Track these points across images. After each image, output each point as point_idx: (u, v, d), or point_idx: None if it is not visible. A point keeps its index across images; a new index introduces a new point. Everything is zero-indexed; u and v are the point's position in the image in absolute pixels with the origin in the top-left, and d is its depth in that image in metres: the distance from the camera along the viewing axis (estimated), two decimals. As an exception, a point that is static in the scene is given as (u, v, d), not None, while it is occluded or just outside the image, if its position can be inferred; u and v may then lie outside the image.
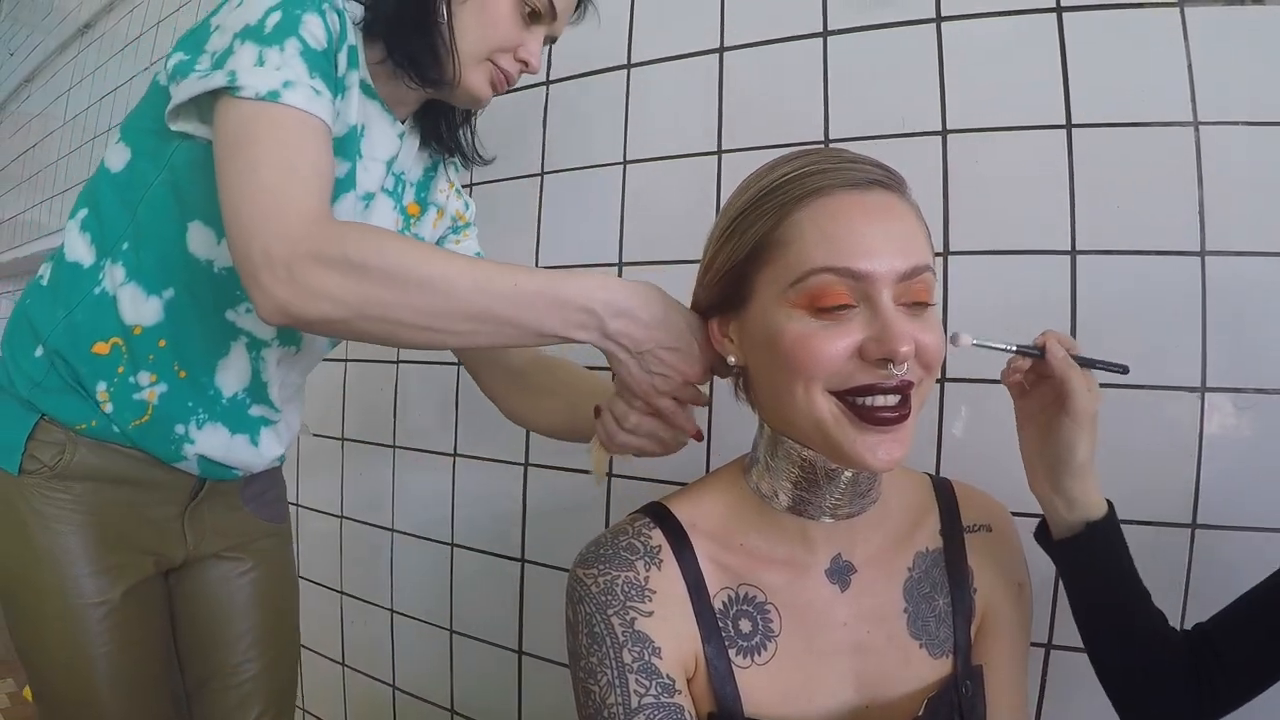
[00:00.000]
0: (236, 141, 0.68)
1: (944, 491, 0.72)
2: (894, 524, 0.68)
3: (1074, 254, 0.87)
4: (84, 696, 0.82)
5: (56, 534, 0.81)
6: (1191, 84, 0.83)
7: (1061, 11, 0.88)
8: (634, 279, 0.69)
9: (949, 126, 0.93)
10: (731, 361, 0.65)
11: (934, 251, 0.62)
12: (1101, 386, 0.64)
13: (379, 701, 1.46)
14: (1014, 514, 0.73)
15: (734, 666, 0.62)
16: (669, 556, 0.64)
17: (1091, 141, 0.87)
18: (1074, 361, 0.62)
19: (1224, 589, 0.67)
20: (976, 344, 0.61)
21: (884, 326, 0.55)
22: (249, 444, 0.90)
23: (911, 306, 0.57)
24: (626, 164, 1.16)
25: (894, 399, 0.56)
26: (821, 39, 1.01)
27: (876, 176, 0.59)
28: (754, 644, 0.63)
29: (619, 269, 1.16)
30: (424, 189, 0.98)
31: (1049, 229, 0.88)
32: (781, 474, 0.63)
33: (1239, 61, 0.82)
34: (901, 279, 0.56)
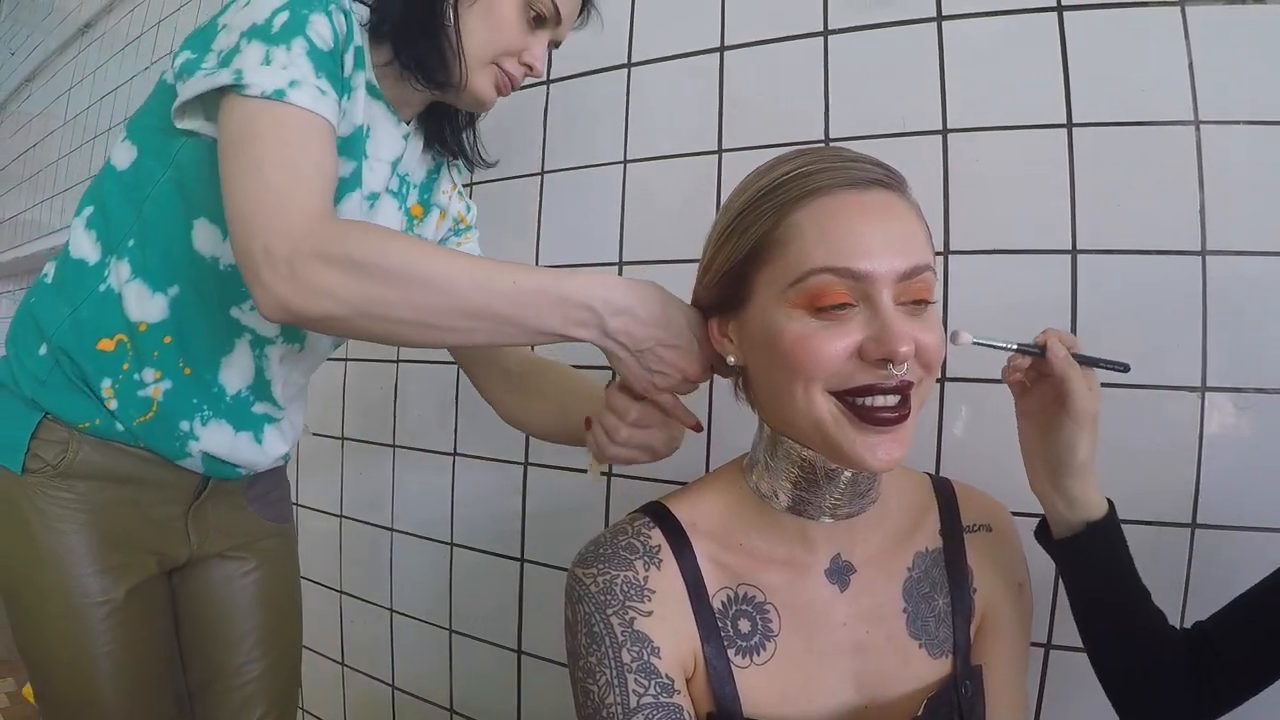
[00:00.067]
0: (241, 139, 0.68)
1: (944, 491, 0.71)
2: (894, 524, 0.68)
3: (1074, 253, 0.87)
4: (86, 696, 0.81)
5: (60, 533, 0.80)
6: (1192, 83, 0.83)
7: (1062, 10, 0.88)
8: (634, 278, 0.69)
9: (949, 125, 0.93)
10: (731, 361, 0.65)
11: (934, 251, 0.62)
12: (1102, 386, 0.63)
13: (378, 701, 1.46)
14: (1014, 514, 0.72)
15: (733, 666, 0.62)
16: (668, 556, 0.63)
17: (1092, 141, 0.87)
18: (1075, 361, 0.62)
19: (1224, 588, 0.67)
20: (977, 342, 0.61)
21: (883, 326, 0.55)
22: (253, 441, 0.90)
23: (912, 305, 0.57)
24: (626, 163, 1.16)
25: (893, 399, 0.56)
26: (822, 38, 1.01)
27: (876, 176, 0.58)
28: (753, 644, 0.63)
29: (619, 268, 1.15)
30: (427, 190, 0.98)
31: (1049, 228, 0.88)
32: (781, 474, 0.63)
33: (1240, 60, 0.82)
34: (901, 279, 0.56)
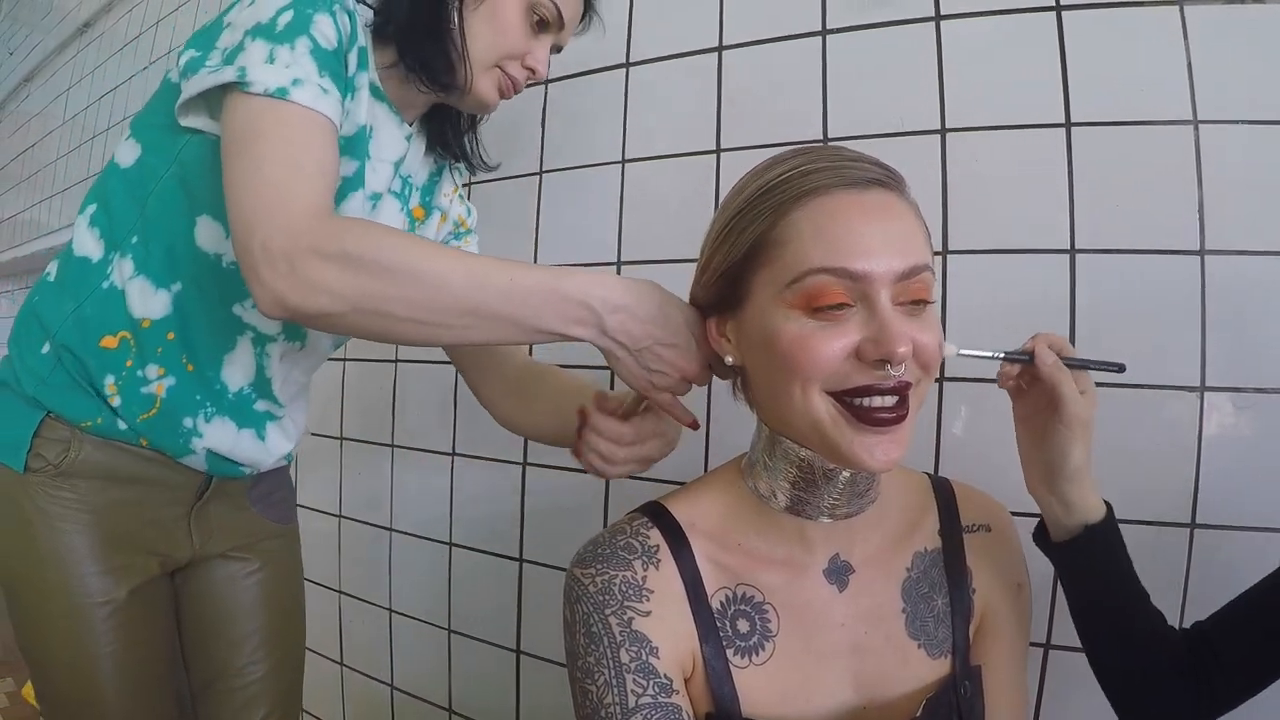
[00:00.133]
0: (243, 136, 0.68)
1: (943, 491, 0.71)
2: (892, 524, 0.68)
3: (1073, 253, 0.87)
4: (88, 696, 0.81)
5: (61, 533, 0.80)
6: (1191, 82, 0.83)
7: (1061, 10, 0.88)
8: (632, 277, 0.69)
9: (948, 125, 0.93)
10: (729, 361, 0.65)
11: (933, 250, 0.61)
12: (1099, 386, 0.63)
13: (377, 701, 1.46)
14: (1014, 514, 0.72)
15: (732, 666, 0.62)
16: (667, 556, 0.63)
17: (1091, 140, 0.87)
18: (1064, 366, 0.61)
19: (1223, 588, 0.66)
20: (962, 354, 0.61)
21: (881, 327, 0.54)
22: (255, 439, 0.90)
23: (910, 305, 0.56)
24: (625, 163, 1.16)
25: (891, 399, 0.56)
26: (820, 37, 1.01)
27: (875, 175, 0.58)
28: (752, 644, 0.63)
29: (617, 267, 1.15)
30: (429, 193, 0.99)
31: (1048, 228, 0.87)
32: (780, 474, 0.63)
33: (1238, 60, 0.82)
34: (900, 279, 0.56)
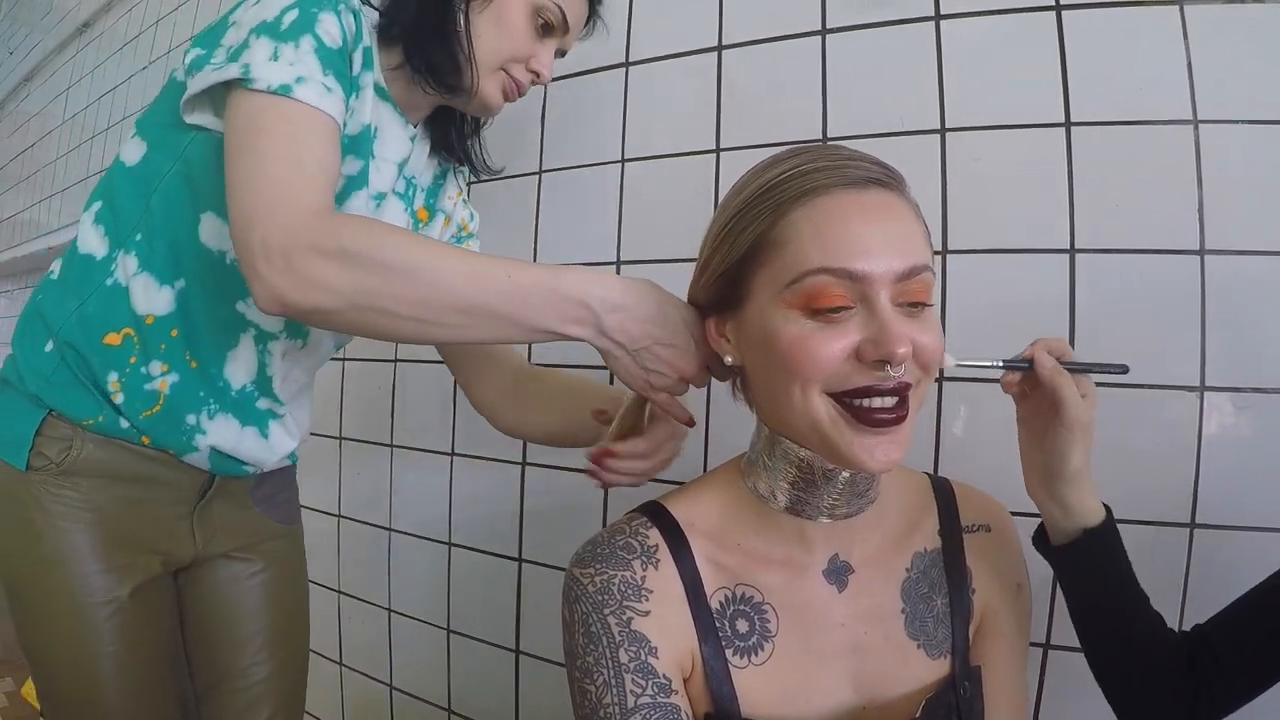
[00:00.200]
0: (246, 132, 0.69)
1: (943, 491, 0.71)
2: (892, 524, 0.68)
3: (1072, 252, 0.87)
4: (90, 695, 0.81)
5: (64, 532, 0.80)
6: (1191, 82, 0.83)
7: (1060, 9, 0.88)
8: (631, 276, 0.69)
9: (947, 125, 0.93)
10: (729, 361, 0.64)
11: (933, 250, 0.61)
12: (1099, 386, 0.63)
13: (376, 701, 1.45)
14: (1014, 514, 0.72)
15: (731, 667, 0.62)
16: (666, 556, 0.63)
17: (1090, 140, 0.86)
18: (1064, 370, 0.61)
19: (1223, 589, 0.66)
20: (960, 365, 0.60)
21: (881, 328, 0.54)
22: (259, 436, 0.90)
23: (909, 307, 0.56)
24: (624, 162, 1.16)
25: (891, 400, 0.56)
26: (820, 37, 1.01)
27: (874, 175, 0.58)
28: (751, 644, 0.63)
29: (617, 267, 1.15)
30: (433, 195, 0.99)
31: (1047, 227, 0.87)
32: (779, 474, 0.63)
33: (1238, 59, 0.82)
34: (899, 279, 0.55)
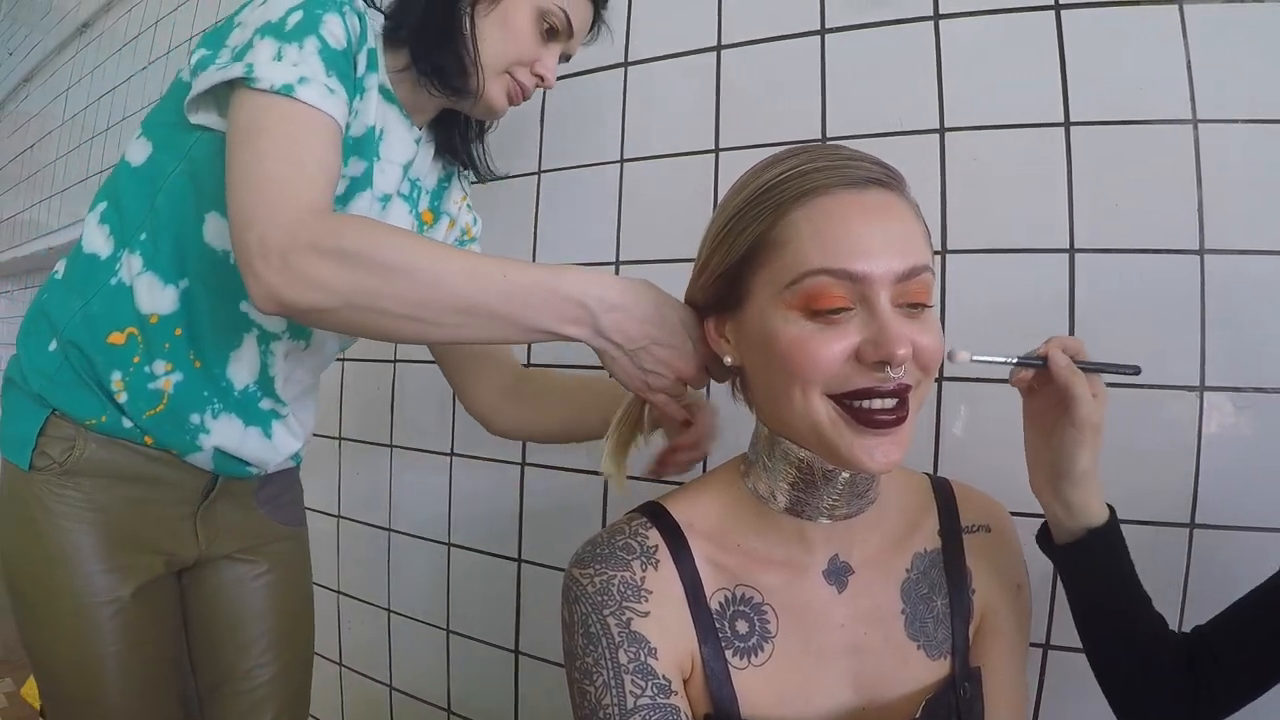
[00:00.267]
0: (247, 131, 0.69)
1: (943, 492, 0.71)
2: (892, 525, 0.67)
3: (1072, 252, 0.86)
4: (92, 695, 0.81)
5: (66, 531, 0.81)
6: (1190, 81, 0.83)
7: (1060, 9, 0.88)
8: (629, 276, 0.68)
9: (946, 124, 0.93)
10: (728, 361, 0.64)
11: (933, 250, 0.61)
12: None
13: (376, 701, 1.45)
14: (1014, 514, 0.72)
15: (731, 668, 0.62)
16: (666, 556, 0.63)
17: (1090, 139, 0.86)
18: (1078, 369, 0.60)
19: (1222, 589, 0.66)
20: (976, 360, 0.60)
21: (881, 329, 0.54)
22: (262, 436, 0.90)
23: (909, 308, 0.56)
24: (624, 162, 1.16)
25: (891, 402, 0.56)
26: (819, 37, 1.01)
27: (874, 175, 0.58)
28: (751, 645, 0.63)
29: (616, 267, 1.15)
30: (438, 197, 1.00)
31: (1047, 227, 0.87)
32: (779, 474, 0.63)
33: (1238, 59, 0.82)
34: (899, 280, 0.55)
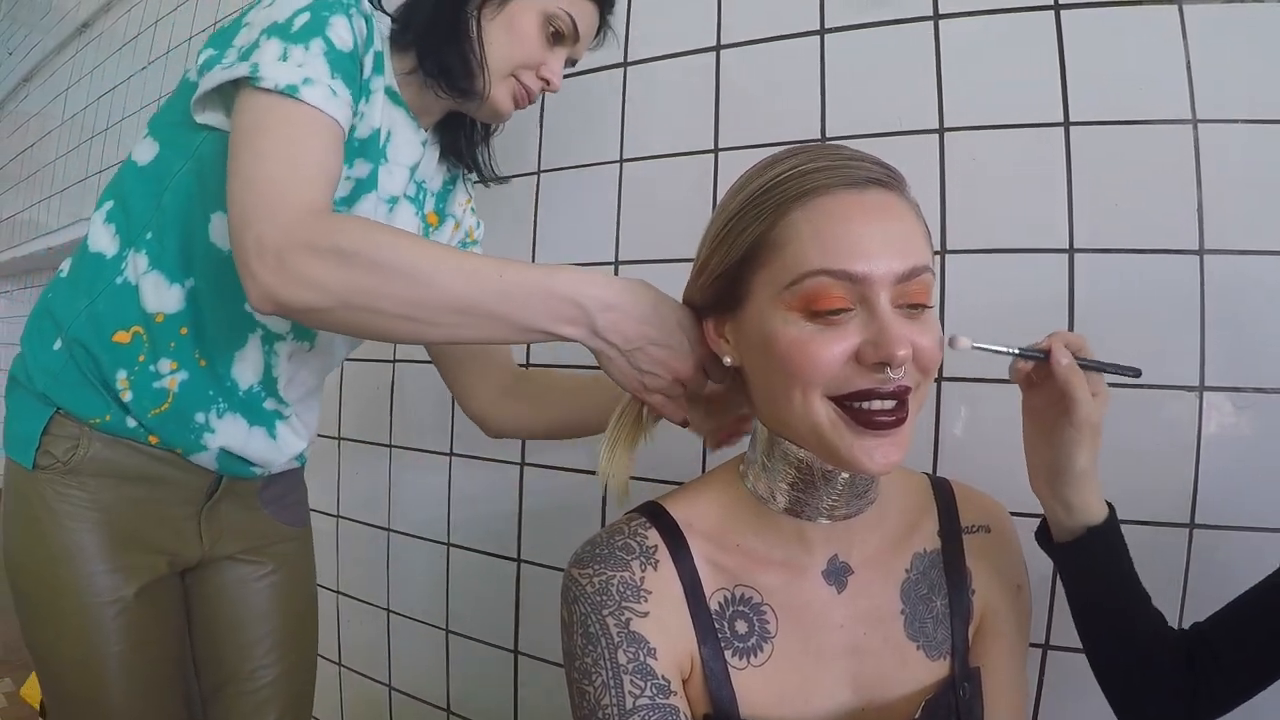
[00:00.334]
0: (249, 130, 0.69)
1: (943, 492, 0.71)
2: (892, 525, 0.67)
3: (1071, 252, 0.86)
4: (95, 695, 0.81)
5: (70, 531, 0.81)
6: (1190, 81, 0.83)
7: (1059, 9, 0.88)
8: (626, 276, 0.68)
9: (946, 124, 0.93)
10: (728, 362, 0.64)
11: (933, 250, 0.61)
12: (1103, 386, 0.63)
13: (375, 701, 1.45)
14: (1014, 514, 0.72)
15: (730, 668, 0.62)
16: (665, 557, 0.63)
17: (1089, 139, 0.86)
18: (1079, 368, 0.60)
19: (1222, 588, 0.66)
20: (976, 347, 0.60)
21: (881, 329, 0.54)
22: (267, 436, 0.90)
23: (909, 308, 0.56)
24: (623, 162, 1.15)
25: (891, 403, 0.56)
26: (818, 36, 1.01)
27: (875, 175, 0.58)
28: (750, 645, 0.62)
29: (615, 267, 1.15)
30: (443, 200, 1.00)
31: (1046, 227, 0.87)
32: (778, 475, 0.63)
33: (1237, 59, 0.82)
34: (899, 280, 0.55)
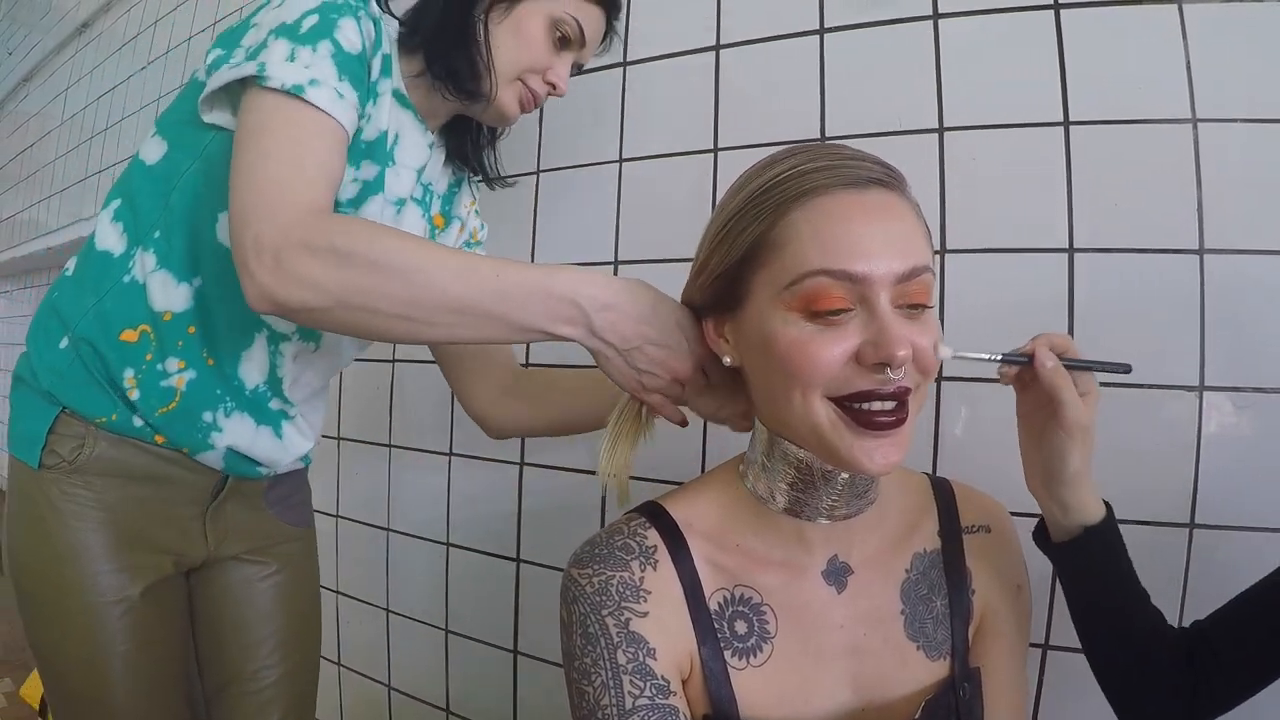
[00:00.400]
0: (254, 130, 0.70)
1: (943, 492, 0.71)
2: (892, 525, 0.67)
3: (1071, 252, 0.86)
4: (99, 695, 0.81)
5: (75, 530, 0.80)
6: (1190, 81, 0.83)
7: (1059, 8, 0.88)
8: (624, 276, 0.68)
9: (946, 124, 0.92)
10: (728, 362, 0.64)
11: (933, 250, 0.61)
12: (1099, 385, 0.63)
13: (375, 701, 1.45)
14: (1013, 514, 0.72)
15: (729, 668, 0.62)
16: (664, 557, 0.63)
17: (1089, 139, 0.86)
18: (1064, 370, 0.59)
19: (1222, 588, 0.66)
20: (958, 356, 0.60)
21: (881, 330, 0.54)
22: (273, 436, 0.90)
23: (909, 309, 0.56)
24: (623, 162, 1.15)
25: (891, 404, 0.55)
26: (818, 36, 1.01)
27: (875, 174, 0.57)
28: (750, 646, 0.62)
29: (615, 267, 1.15)
30: (449, 202, 1.00)
31: (1046, 227, 0.87)
32: (778, 475, 0.63)
33: (1237, 58, 0.82)
34: (899, 281, 0.55)
